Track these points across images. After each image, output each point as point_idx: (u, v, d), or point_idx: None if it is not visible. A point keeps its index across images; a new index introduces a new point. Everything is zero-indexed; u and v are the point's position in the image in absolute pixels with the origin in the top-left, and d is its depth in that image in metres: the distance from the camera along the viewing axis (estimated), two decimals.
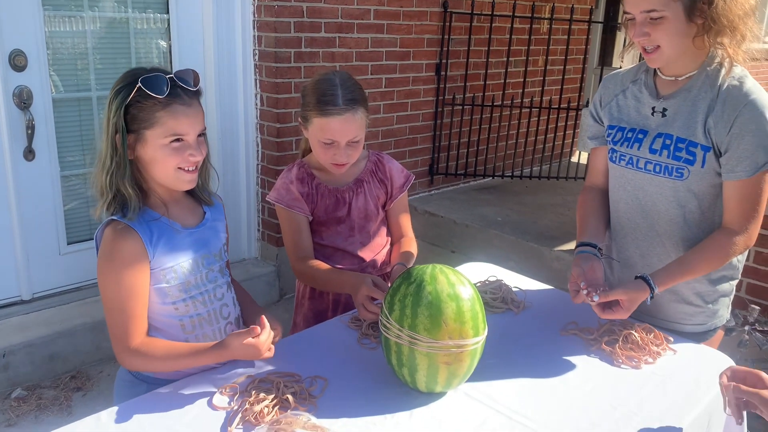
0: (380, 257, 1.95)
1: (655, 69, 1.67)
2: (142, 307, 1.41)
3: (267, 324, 1.40)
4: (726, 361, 1.59)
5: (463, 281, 1.37)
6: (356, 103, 1.72)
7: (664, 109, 1.64)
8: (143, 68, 1.40)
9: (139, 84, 1.33)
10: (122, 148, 1.36)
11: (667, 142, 1.62)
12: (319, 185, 1.86)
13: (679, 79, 1.62)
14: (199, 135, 1.43)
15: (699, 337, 1.70)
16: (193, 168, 1.43)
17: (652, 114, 1.67)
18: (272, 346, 1.41)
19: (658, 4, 1.49)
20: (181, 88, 1.39)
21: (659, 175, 1.64)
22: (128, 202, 1.38)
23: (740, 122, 1.51)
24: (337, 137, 1.72)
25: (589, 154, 1.91)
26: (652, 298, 1.54)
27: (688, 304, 1.71)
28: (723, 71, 1.56)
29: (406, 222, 1.98)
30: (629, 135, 1.70)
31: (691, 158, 1.58)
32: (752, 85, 1.54)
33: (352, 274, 1.75)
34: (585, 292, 1.54)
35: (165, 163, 1.39)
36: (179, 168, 1.41)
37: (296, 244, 1.84)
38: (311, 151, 1.85)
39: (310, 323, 1.89)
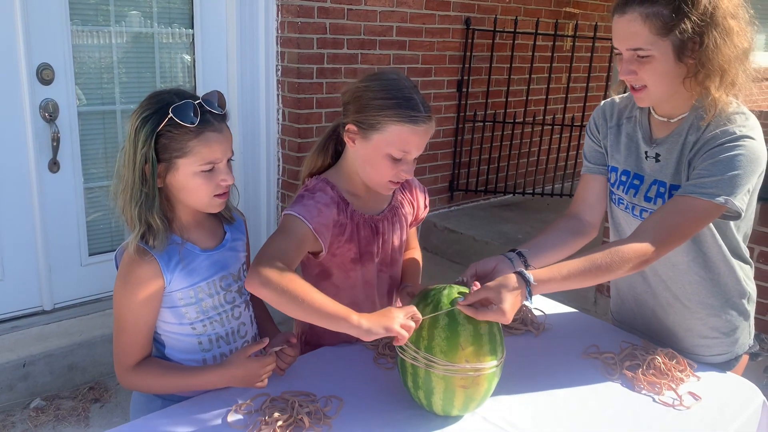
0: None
1: (649, 108, 1.58)
2: (147, 331, 1.43)
3: (272, 353, 1.44)
4: (752, 389, 1.54)
5: None
6: (431, 111, 1.50)
7: (657, 155, 1.56)
8: (168, 92, 1.37)
9: (171, 114, 1.32)
10: (152, 179, 1.34)
11: (662, 189, 1.55)
12: (353, 213, 1.56)
13: (672, 121, 1.54)
14: (229, 159, 1.43)
15: (723, 366, 1.65)
16: (225, 191, 1.43)
17: (646, 158, 1.59)
18: (265, 379, 1.42)
19: (645, 43, 1.40)
20: (211, 114, 1.37)
21: None
22: (156, 233, 1.36)
23: (712, 151, 1.42)
24: (415, 149, 1.48)
25: (579, 180, 1.77)
26: (530, 293, 1.33)
27: (704, 338, 1.65)
28: (710, 113, 1.44)
29: (414, 234, 1.84)
30: (623, 179, 1.62)
31: None
32: (740, 125, 1.42)
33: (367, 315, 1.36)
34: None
35: (199, 191, 1.39)
36: (214, 195, 1.41)
37: (285, 256, 1.37)
38: (324, 169, 1.61)
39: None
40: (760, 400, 1.53)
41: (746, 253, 1.63)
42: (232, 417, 1.34)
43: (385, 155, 1.47)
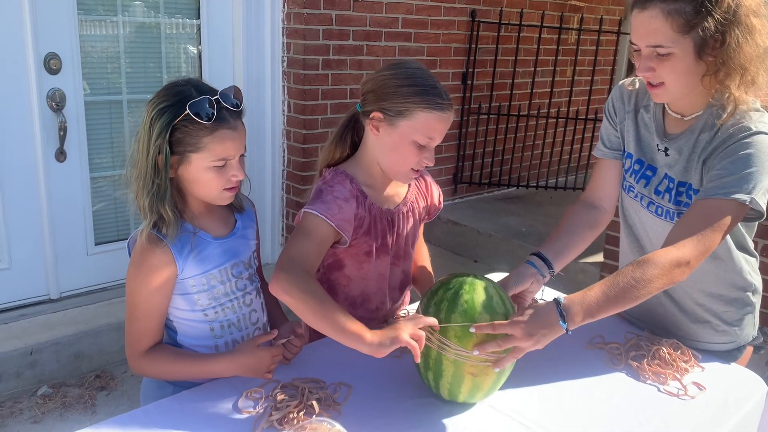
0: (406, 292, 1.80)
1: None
2: (159, 317, 1.44)
3: (279, 345, 1.48)
4: (756, 380, 1.56)
5: (502, 296, 1.38)
6: (451, 100, 1.52)
7: (666, 149, 1.56)
8: (186, 84, 1.38)
9: (188, 110, 1.32)
10: (164, 171, 1.35)
11: (670, 185, 1.54)
12: (371, 206, 1.57)
13: (686, 118, 1.52)
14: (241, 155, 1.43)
15: (727, 355, 1.67)
16: (235, 186, 1.44)
17: (658, 150, 1.58)
18: (272, 369, 1.44)
19: (667, 40, 1.37)
20: (227, 110, 1.37)
21: (661, 218, 1.57)
22: (168, 224, 1.37)
23: (729, 150, 1.41)
24: (438, 136, 1.50)
25: (595, 164, 1.75)
26: (567, 331, 1.33)
27: (707, 324, 1.66)
28: (728, 111, 1.42)
29: (421, 230, 1.83)
30: (636, 167, 1.62)
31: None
32: (756, 121, 1.41)
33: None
34: None
35: (210, 184, 1.40)
36: (224, 189, 1.42)
37: (307, 260, 1.42)
38: (341, 160, 1.62)
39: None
40: (764, 391, 1.54)
41: (751, 245, 1.64)
42: (243, 403, 1.36)
43: (411, 142, 1.49)
